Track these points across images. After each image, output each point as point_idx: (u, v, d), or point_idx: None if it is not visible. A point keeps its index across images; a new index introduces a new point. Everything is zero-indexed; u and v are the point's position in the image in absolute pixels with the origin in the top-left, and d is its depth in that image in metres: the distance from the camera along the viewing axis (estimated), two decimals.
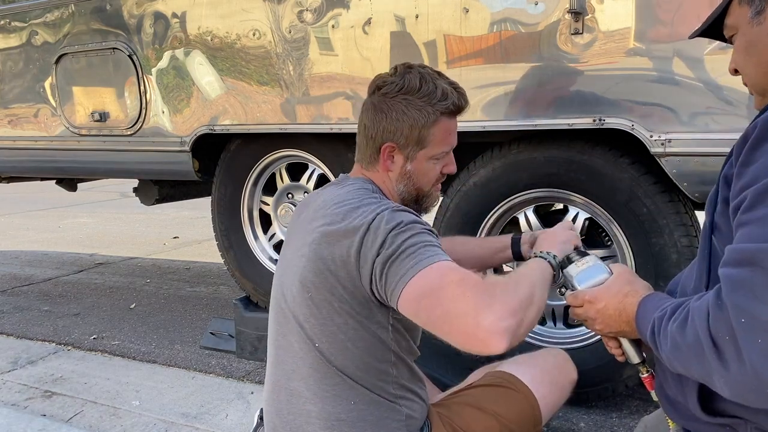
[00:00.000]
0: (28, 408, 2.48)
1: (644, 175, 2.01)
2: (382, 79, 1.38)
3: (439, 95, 1.34)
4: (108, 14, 2.88)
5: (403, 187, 1.40)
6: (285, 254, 1.42)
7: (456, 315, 1.06)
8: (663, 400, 1.13)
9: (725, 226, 0.95)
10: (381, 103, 1.35)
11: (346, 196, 1.31)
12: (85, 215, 7.87)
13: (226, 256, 3.05)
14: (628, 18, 1.87)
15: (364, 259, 1.19)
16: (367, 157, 1.40)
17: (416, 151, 1.37)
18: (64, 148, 3.22)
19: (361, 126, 1.40)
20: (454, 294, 1.07)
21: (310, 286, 1.27)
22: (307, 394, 1.31)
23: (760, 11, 0.95)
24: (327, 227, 1.26)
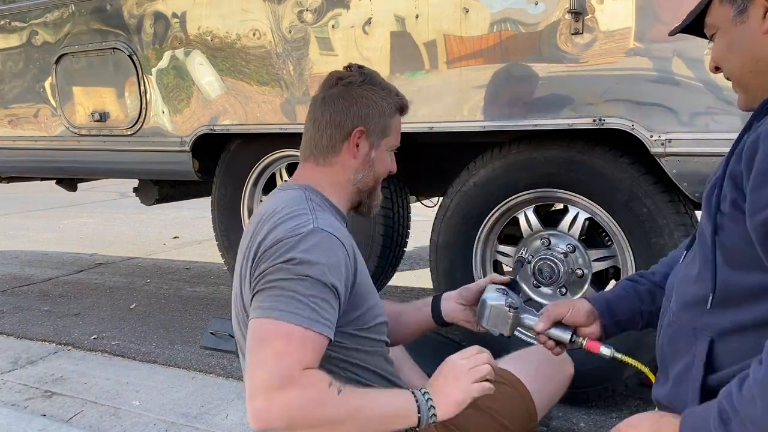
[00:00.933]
0: (28, 408, 2.48)
1: (644, 175, 2.01)
2: (340, 74, 1.40)
3: (395, 92, 1.42)
4: (108, 14, 2.88)
5: (361, 177, 1.40)
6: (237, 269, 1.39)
7: (250, 373, 1.08)
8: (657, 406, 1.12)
9: (731, 228, 0.94)
10: (347, 92, 1.36)
11: (277, 209, 1.29)
12: (85, 215, 7.87)
13: (226, 256, 3.05)
14: (628, 18, 1.87)
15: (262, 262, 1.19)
16: (325, 148, 1.37)
17: (380, 138, 1.39)
18: (64, 148, 3.22)
19: (321, 117, 1.37)
20: (264, 358, 1.07)
21: (237, 299, 1.31)
22: None
23: (742, 10, 0.97)
24: (251, 245, 1.27)
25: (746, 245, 0.91)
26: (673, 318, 1.08)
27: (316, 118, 1.38)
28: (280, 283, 1.13)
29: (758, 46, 0.96)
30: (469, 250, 2.35)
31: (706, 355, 0.98)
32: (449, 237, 2.38)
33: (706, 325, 1.00)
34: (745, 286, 0.93)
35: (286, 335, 1.08)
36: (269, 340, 1.08)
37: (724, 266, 0.97)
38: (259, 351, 1.08)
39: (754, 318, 0.89)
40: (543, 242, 2.29)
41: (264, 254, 1.19)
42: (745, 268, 0.93)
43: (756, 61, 0.97)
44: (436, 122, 2.21)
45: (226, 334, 3.06)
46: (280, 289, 1.12)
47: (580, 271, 2.24)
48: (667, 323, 1.11)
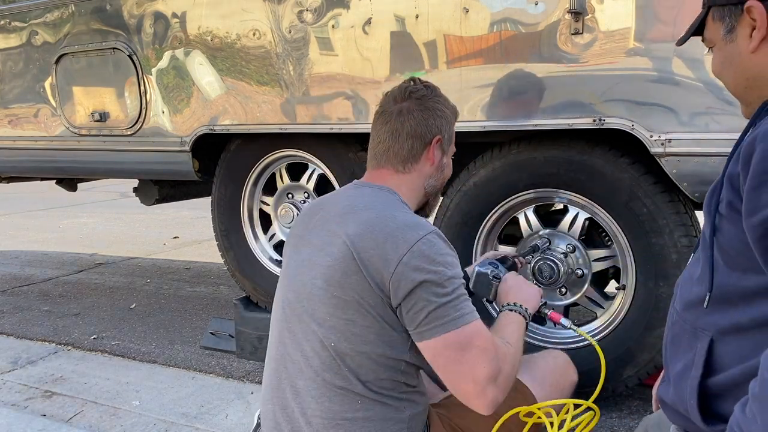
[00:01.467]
0: (28, 408, 2.48)
1: (644, 175, 2.01)
2: (409, 88, 1.48)
3: (450, 101, 1.53)
4: (108, 14, 2.88)
5: (434, 181, 1.51)
6: (300, 254, 1.42)
7: (468, 377, 1.23)
8: (663, 406, 1.12)
9: (727, 226, 0.94)
10: (422, 104, 1.46)
11: (377, 205, 1.36)
12: (85, 215, 7.87)
13: (226, 256, 3.05)
14: (628, 18, 1.87)
15: (401, 280, 1.24)
16: (406, 157, 1.45)
17: (448, 145, 1.52)
18: (64, 148, 3.22)
19: (401, 129, 1.45)
20: (476, 360, 1.23)
21: (337, 285, 1.29)
22: (313, 393, 1.32)
23: (731, 30, 0.99)
24: (360, 233, 1.29)
25: (743, 247, 0.91)
26: (677, 317, 1.09)
27: (395, 129, 1.45)
28: (450, 293, 1.25)
29: (748, 63, 0.98)
30: (469, 250, 2.35)
31: (706, 354, 0.98)
32: (449, 237, 2.37)
33: (706, 325, 1.00)
34: (742, 288, 0.94)
35: (477, 333, 1.25)
36: (469, 344, 1.24)
37: (723, 267, 0.97)
38: (466, 356, 1.23)
39: (752, 318, 0.89)
40: (543, 242, 2.29)
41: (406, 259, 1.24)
42: (743, 270, 0.93)
43: (747, 78, 0.99)
44: None
45: (226, 334, 3.07)
46: (456, 299, 1.25)
47: (580, 271, 2.24)
48: (671, 323, 1.12)
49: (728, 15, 0.99)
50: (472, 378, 1.22)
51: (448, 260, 1.28)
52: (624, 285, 2.16)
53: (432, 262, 1.25)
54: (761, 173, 0.85)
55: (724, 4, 1.00)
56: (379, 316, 1.27)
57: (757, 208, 0.85)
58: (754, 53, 0.96)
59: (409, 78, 1.54)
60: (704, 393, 0.98)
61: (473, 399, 1.24)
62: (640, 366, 2.13)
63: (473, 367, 1.22)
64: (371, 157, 1.50)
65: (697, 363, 0.99)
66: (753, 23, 0.95)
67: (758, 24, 0.94)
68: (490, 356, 1.24)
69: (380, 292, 1.26)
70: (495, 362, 1.24)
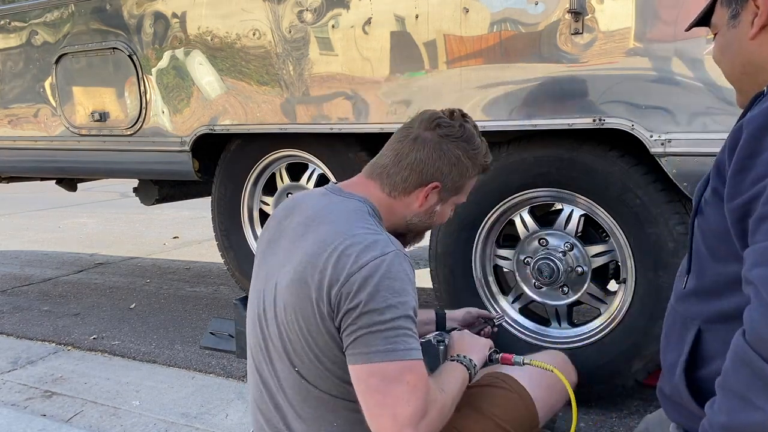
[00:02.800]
0: (28, 408, 2.48)
1: (634, 167, 2.01)
2: (440, 119, 1.38)
3: (484, 153, 1.43)
4: (108, 14, 2.88)
5: (417, 221, 1.42)
6: (266, 264, 1.36)
7: (388, 412, 1.14)
8: (662, 399, 1.13)
9: (710, 213, 0.96)
10: (441, 143, 1.36)
11: (343, 219, 1.28)
12: (85, 215, 7.87)
13: (226, 256, 3.05)
14: (628, 18, 1.87)
15: (343, 298, 1.17)
16: (401, 186, 1.36)
17: (450, 195, 1.42)
18: (64, 148, 3.22)
19: (405, 157, 1.36)
20: (401, 396, 1.14)
21: (295, 307, 1.23)
22: (291, 413, 1.30)
23: (735, 15, 1.00)
24: (316, 251, 1.22)
25: (724, 234, 0.92)
26: (670, 309, 1.12)
27: (400, 153, 1.36)
28: (391, 322, 1.16)
29: (747, 50, 0.99)
30: (468, 254, 2.35)
31: (692, 343, 1.00)
32: (448, 245, 2.38)
33: (694, 314, 1.02)
34: (726, 276, 0.96)
35: (409, 370, 1.15)
36: (397, 379, 1.14)
37: (707, 258, 1.00)
38: (392, 389, 1.14)
39: (737, 307, 0.90)
40: (541, 242, 2.29)
41: (349, 288, 1.17)
42: (725, 259, 0.95)
43: (744, 65, 1.01)
44: None
45: (226, 334, 3.06)
46: (394, 330, 1.16)
47: (580, 269, 2.24)
48: (665, 316, 1.14)
49: (735, 1, 1.01)
50: (392, 414, 1.13)
51: (396, 286, 1.17)
52: (625, 279, 2.16)
53: (376, 285, 1.15)
54: (744, 158, 0.86)
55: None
56: (332, 342, 1.22)
57: (738, 192, 0.87)
58: (753, 40, 0.98)
59: (454, 109, 1.42)
60: (696, 382, 1.00)
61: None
62: (647, 359, 2.12)
63: (396, 402, 1.13)
64: (370, 163, 1.43)
65: (684, 352, 1.01)
66: (756, 10, 0.97)
67: (761, 11, 0.96)
68: (419, 396, 1.14)
69: (331, 312, 1.19)
70: (422, 403, 1.15)
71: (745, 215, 0.86)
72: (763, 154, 0.84)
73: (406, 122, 1.43)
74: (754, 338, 0.79)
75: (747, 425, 0.79)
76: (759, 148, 0.85)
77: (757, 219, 0.83)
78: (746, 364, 0.79)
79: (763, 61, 0.98)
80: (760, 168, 0.84)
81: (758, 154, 0.85)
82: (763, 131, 0.85)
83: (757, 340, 0.78)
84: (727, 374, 0.83)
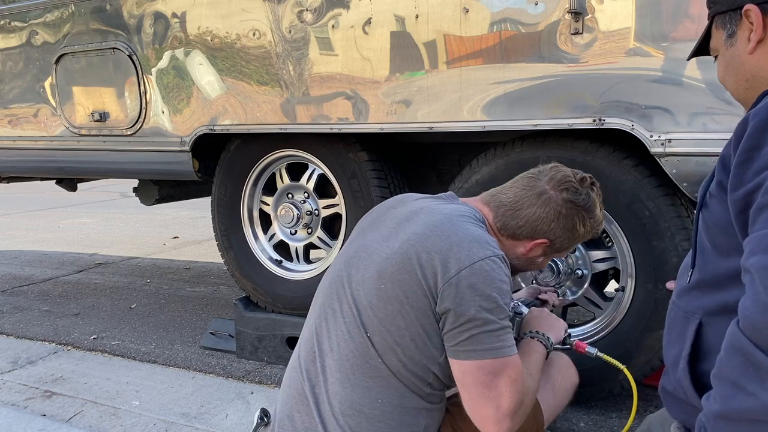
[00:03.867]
0: (28, 408, 2.48)
1: (647, 177, 2.01)
2: (570, 182, 1.42)
3: (597, 224, 1.47)
4: (108, 14, 2.88)
5: (516, 263, 1.46)
6: (363, 238, 1.41)
7: (492, 403, 1.23)
8: (664, 396, 1.13)
9: (715, 206, 0.98)
10: (563, 206, 1.40)
11: (454, 214, 1.33)
12: (85, 215, 7.87)
13: (226, 256, 3.05)
14: (628, 18, 1.87)
15: (453, 292, 1.22)
16: (512, 231, 1.42)
17: (554, 253, 1.48)
18: (64, 148, 3.22)
19: (527, 209, 1.40)
20: (505, 389, 1.23)
21: (387, 278, 1.28)
22: (337, 375, 1.31)
23: (731, 34, 1.04)
24: (427, 234, 1.28)
25: (727, 226, 0.94)
26: (671, 305, 1.13)
27: (521, 201, 1.41)
28: (496, 322, 1.23)
29: (748, 65, 1.02)
30: None
31: (694, 335, 1.02)
32: None
33: (696, 308, 1.04)
34: (729, 269, 0.97)
35: (512, 365, 1.24)
36: (502, 373, 1.23)
37: (710, 252, 1.01)
38: (496, 382, 1.23)
39: (738, 299, 0.90)
40: None
41: (463, 275, 1.22)
42: (728, 252, 0.97)
43: (748, 80, 1.03)
44: (436, 122, 2.21)
45: (226, 334, 3.07)
46: (500, 330, 1.23)
47: (580, 272, 2.24)
48: (667, 312, 1.15)
49: (729, 21, 1.04)
50: (496, 405, 1.22)
51: (504, 288, 1.25)
52: (623, 286, 2.16)
53: (489, 285, 1.22)
54: (748, 150, 0.87)
55: (725, 10, 1.04)
56: (418, 321, 1.26)
57: (741, 183, 0.88)
58: (751, 54, 1.01)
59: (585, 175, 1.45)
60: (698, 376, 1.01)
61: (490, 425, 1.24)
62: (637, 368, 2.13)
63: (500, 395, 1.22)
64: (490, 192, 1.48)
65: (686, 346, 1.02)
66: (750, 26, 1.00)
67: (755, 26, 0.99)
68: (518, 389, 1.24)
69: (429, 295, 1.24)
70: (520, 396, 1.24)
71: (746, 206, 0.87)
72: (765, 147, 0.85)
73: (535, 170, 1.46)
74: (747, 325, 0.79)
75: (740, 411, 0.79)
76: (762, 140, 0.86)
77: (757, 208, 0.84)
78: (739, 352, 0.80)
79: (765, 73, 1.00)
80: (763, 159, 0.85)
81: (761, 147, 0.86)
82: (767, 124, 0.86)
83: (750, 328, 0.79)
84: (721, 363, 0.84)
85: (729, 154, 0.93)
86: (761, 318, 0.77)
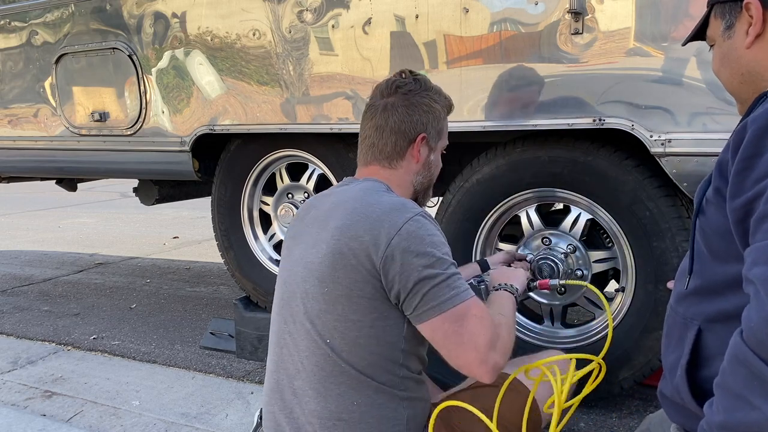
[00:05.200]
0: (28, 408, 2.48)
1: (648, 178, 2.01)
2: (397, 82, 1.47)
3: (443, 94, 1.52)
4: (108, 14, 2.88)
5: (421, 179, 1.50)
6: (293, 254, 1.43)
7: (470, 346, 1.23)
8: (662, 400, 1.13)
9: (712, 212, 0.97)
10: (407, 99, 1.45)
11: (361, 194, 1.37)
12: (85, 215, 7.87)
13: (226, 256, 3.05)
14: (628, 18, 1.87)
15: (391, 263, 1.24)
16: (390, 154, 1.46)
17: (436, 141, 1.51)
18: (64, 148, 3.22)
19: (385, 125, 1.45)
20: (474, 328, 1.24)
21: (327, 280, 1.29)
22: (310, 393, 1.32)
23: (729, 26, 1.02)
24: (348, 223, 1.30)
25: (726, 233, 0.93)
26: (670, 311, 1.12)
27: (380, 125, 1.45)
28: (443, 272, 1.26)
29: (744, 59, 1.01)
30: (469, 247, 2.35)
31: (693, 342, 1.01)
32: (450, 234, 2.38)
33: (695, 315, 1.03)
34: (727, 276, 0.96)
35: (472, 305, 1.27)
36: (466, 315, 1.25)
37: (708, 258, 1.00)
38: (465, 326, 1.24)
39: (738, 306, 0.90)
40: (544, 241, 2.29)
41: (395, 241, 1.25)
42: (726, 259, 0.96)
43: (743, 74, 1.02)
44: None
45: (226, 334, 3.07)
46: (450, 278, 1.26)
47: (580, 272, 2.24)
48: (666, 317, 1.15)
49: (728, 12, 1.03)
50: (473, 346, 1.23)
51: (436, 240, 1.28)
52: (623, 287, 2.16)
53: (421, 243, 1.25)
54: (747, 157, 0.86)
55: (726, 0, 1.03)
56: (371, 305, 1.28)
57: (740, 191, 0.87)
58: (749, 49, 1.00)
59: (399, 71, 1.51)
60: (697, 383, 1.00)
61: (476, 367, 1.24)
62: (636, 368, 2.13)
63: (473, 335, 1.23)
64: (359, 152, 1.51)
65: (685, 352, 1.02)
66: (750, 20, 0.98)
67: (754, 20, 0.98)
68: (487, 323, 1.25)
69: (372, 278, 1.26)
70: (492, 328, 1.26)
71: (746, 215, 0.86)
72: (765, 154, 0.84)
73: (368, 102, 1.50)
74: (751, 338, 0.79)
75: (744, 424, 0.79)
76: (762, 148, 0.85)
77: (757, 218, 0.84)
78: (743, 364, 0.79)
79: (761, 69, 0.99)
80: (762, 168, 0.84)
81: (761, 154, 0.85)
82: (766, 131, 0.86)
83: (754, 340, 0.78)
84: (724, 374, 0.83)
85: (726, 159, 0.92)
86: (767, 330, 0.76)
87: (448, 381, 1.65)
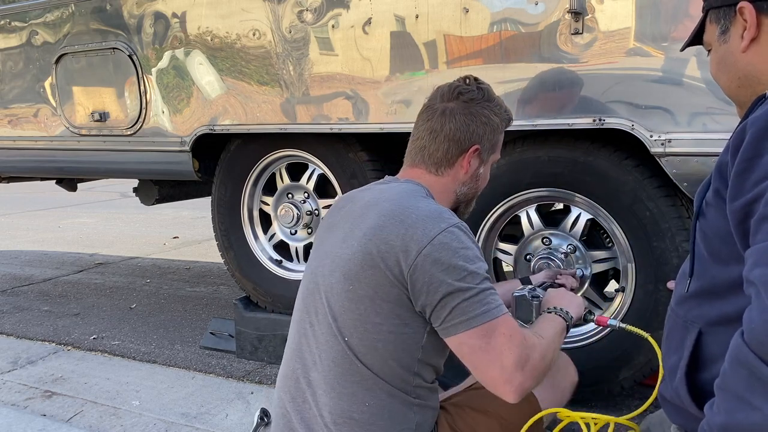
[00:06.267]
0: (28, 408, 2.48)
1: (648, 178, 2.00)
2: (460, 88, 1.43)
3: (504, 107, 1.48)
4: (108, 14, 2.88)
5: (466, 189, 1.47)
6: (324, 245, 1.42)
7: (495, 363, 1.20)
8: (662, 402, 1.13)
9: (712, 215, 0.97)
10: (467, 108, 1.41)
11: (400, 196, 1.34)
12: (85, 215, 7.87)
13: (226, 256, 3.05)
14: (628, 18, 1.87)
15: (421, 273, 1.21)
16: (439, 160, 1.42)
17: (489, 155, 1.47)
18: (64, 148, 3.22)
19: (440, 130, 1.41)
20: (502, 346, 1.20)
21: (353, 278, 1.27)
22: (324, 387, 1.31)
23: (725, 30, 1.03)
24: (381, 224, 1.27)
25: (726, 235, 0.93)
26: (670, 313, 1.12)
27: (434, 129, 1.41)
28: (476, 287, 1.22)
29: (740, 63, 1.01)
30: None
31: (693, 345, 1.01)
32: None
33: (695, 317, 1.03)
34: (728, 279, 0.96)
35: (503, 323, 1.22)
36: (494, 332, 1.21)
37: (708, 260, 1.00)
38: (492, 342, 1.20)
39: (739, 309, 0.90)
40: (544, 241, 2.29)
41: (426, 251, 1.22)
42: (726, 261, 0.96)
43: (740, 78, 1.02)
44: None
45: (226, 334, 3.07)
46: (482, 293, 1.22)
47: (580, 272, 2.24)
48: (666, 319, 1.14)
49: (723, 16, 1.03)
50: (499, 364, 1.19)
51: (469, 254, 1.24)
52: (623, 287, 2.16)
53: (453, 256, 1.21)
54: (747, 159, 0.86)
55: (720, 6, 1.03)
56: (393, 312, 1.26)
57: (740, 193, 0.87)
58: (744, 53, 1.00)
59: (464, 76, 1.46)
60: (697, 385, 1.00)
61: (500, 385, 1.20)
62: (636, 368, 2.13)
63: (500, 353, 1.19)
64: (408, 152, 1.47)
65: (685, 355, 1.02)
66: (744, 24, 0.98)
67: (749, 24, 0.98)
68: (517, 342, 1.20)
69: (398, 285, 1.24)
70: (522, 349, 1.21)
71: (746, 216, 0.86)
72: (765, 156, 0.84)
73: (426, 103, 1.47)
74: (752, 339, 0.79)
75: (745, 425, 0.79)
76: (761, 149, 0.85)
77: (758, 219, 0.83)
78: (744, 365, 0.79)
79: (758, 72, 0.99)
80: (762, 169, 0.84)
81: (760, 156, 0.85)
82: (766, 133, 0.85)
83: (755, 342, 0.78)
84: (725, 375, 0.83)
85: (726, 161, 0.92)
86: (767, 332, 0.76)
87: (447, 381, 1.66)
